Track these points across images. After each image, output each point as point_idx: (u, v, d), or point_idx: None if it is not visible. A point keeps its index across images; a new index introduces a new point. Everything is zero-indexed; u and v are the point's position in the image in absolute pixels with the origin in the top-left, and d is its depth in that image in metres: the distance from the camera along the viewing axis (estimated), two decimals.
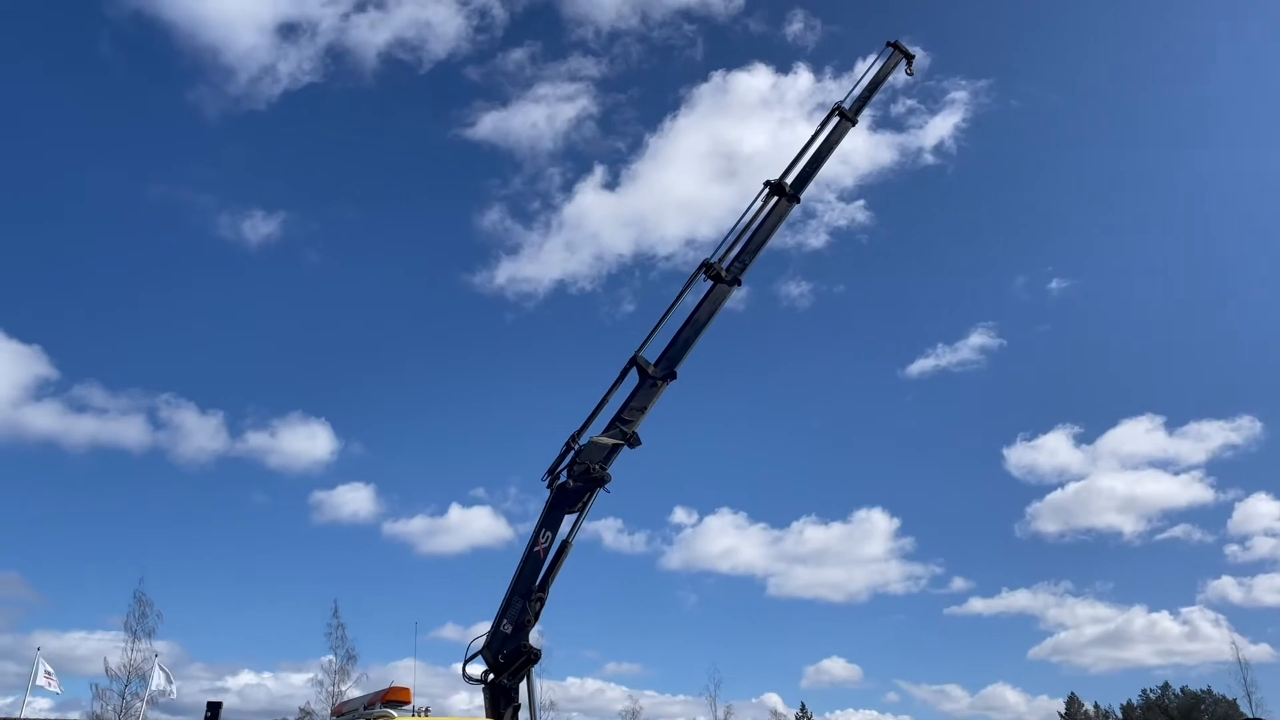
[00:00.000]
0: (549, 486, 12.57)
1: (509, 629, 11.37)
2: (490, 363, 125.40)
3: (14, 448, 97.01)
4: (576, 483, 12.33)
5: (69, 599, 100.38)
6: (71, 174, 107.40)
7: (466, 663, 11.41)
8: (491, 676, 11.27)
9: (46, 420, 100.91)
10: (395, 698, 10.35)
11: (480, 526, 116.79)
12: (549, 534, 12.06)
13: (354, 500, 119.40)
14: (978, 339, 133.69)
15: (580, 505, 12.37)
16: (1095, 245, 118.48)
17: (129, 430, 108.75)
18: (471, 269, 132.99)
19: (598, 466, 12.43)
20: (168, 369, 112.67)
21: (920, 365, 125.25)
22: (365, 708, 10.52)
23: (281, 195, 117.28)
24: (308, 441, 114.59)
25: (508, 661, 11.17)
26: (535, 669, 11.45)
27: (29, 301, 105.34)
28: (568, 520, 12.34)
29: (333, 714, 11.65)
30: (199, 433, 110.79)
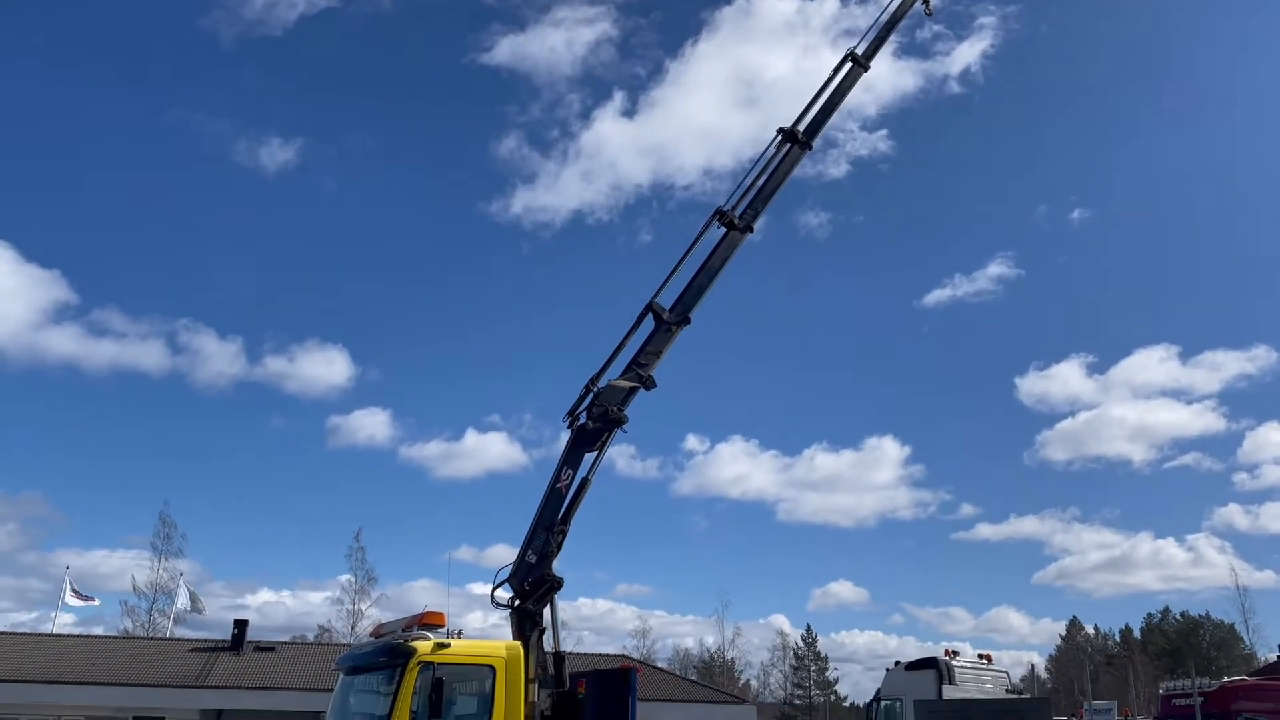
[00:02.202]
0: (569, 427, 13.38)
1: (533, 559, 12.27)
2: (506, 292, 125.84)
3: (35, 370, 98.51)
4: (595, 424, 13.13)
5: (91, 518, 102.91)
6: (88, 99, 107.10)
7: (495, 590, 12.35)
8: (518, 602, 12.18)
9: (67, 344, 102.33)
10: (430, 622, 11.31)
11: (496, 452, 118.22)
12: (570, 471, 12.91)
13: (370, 425, 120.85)
14: (996, 269, 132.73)
15: (599, 445, 13.19)
16: (1119, 175, 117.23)
17: (148, 355, 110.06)
18: (488, 198, 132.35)
19: (615, 408, 13.22)
20: (186, 295, 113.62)
21: (937, 295, 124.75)
22: (403, 630, 11.49)
23: (298, 122, 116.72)
24: (325, 367, 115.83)
25: (532, 589, 12.09)
26: (557, 595, 12.34)
27: (47, 226, 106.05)
28: (587, 458, 13.15)
29: (371, 635, 12.62)
30: (218, 358, 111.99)
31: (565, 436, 13.46)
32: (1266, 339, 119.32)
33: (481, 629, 11.51)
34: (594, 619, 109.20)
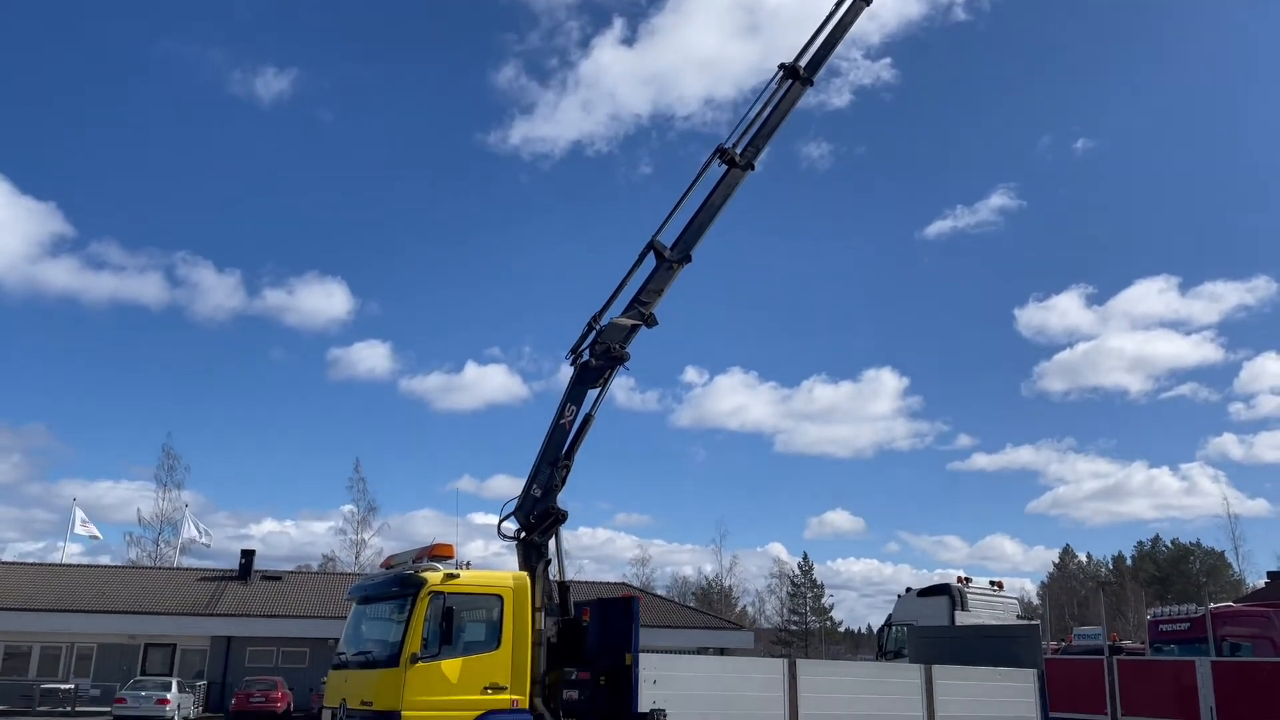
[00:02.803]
0: (572, 364, 13.57)
1: (539, 493, 12.57)
2: (505, 223, 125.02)
3: (34, 303, 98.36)
4: (598, 361, 13.32)
5: (95, 450, 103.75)
6: (81, 30, 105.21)
7: (501, 522, 12.66)
8: (524, 534, 12.51)
9: (65, 277, 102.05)
10: (440, 553, 11.65)
11: (496, 384, 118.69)
12: (573, 408, 13.14)
13: (370, 357, 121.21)
14: (998, 200, 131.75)
15: (602, 381, 13.40)
16: (1123, 105, 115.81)
17: (147, 287, 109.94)
18: (486, 128, 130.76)
19: (617, 346, 13.40)
20: (184, 227, 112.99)
21: (938, 227, 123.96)
22: (414, 561, 11.84)
23: (293, 52, 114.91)
24: (324, 299, 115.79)
25: (538, 521, 12.41)
26: (562, 527, 12.68)
27: (42, 158, 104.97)
28: (590, 394, 13.37)
29: (382, 566, 12.98)
30: (217, 290, 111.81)
31: (569, 373, 13.65)
32: (1267, 269, 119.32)
33: (483, 557, 11.87)
34: (594, 548, 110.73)
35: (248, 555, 48.64)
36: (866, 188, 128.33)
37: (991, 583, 22.79)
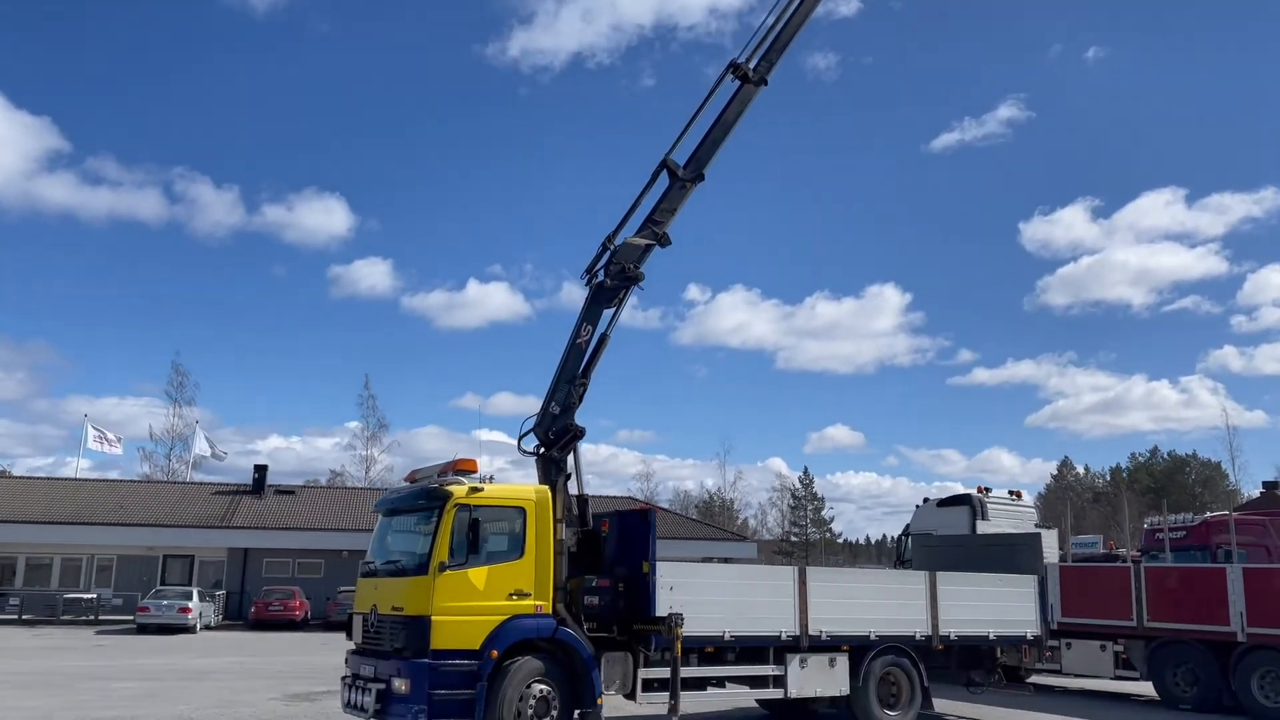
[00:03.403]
0: (587, 285, 13.77)
1: (557, 410, 12.91)
2: (505, 138, 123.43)
3: (32, 219, 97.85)
4: (613, 281, 13.51)
5: (99, 366, 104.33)
6: None
7: (521, 439, 13.02)
8: (543, 450, 12.89)
9: (62, 192, 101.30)
10: (463, 467, 12.02)
11: (498, 302, 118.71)
12: (589, 327, 13.39)
13: (372, 275, 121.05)
14: (1006, 111, 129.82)
15: (617, 301, 13.62)
16: (1135, 13, 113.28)
17: (145, 204, 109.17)
18: (484, 39, 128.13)
19: (632, 266, 13.58)
20: (180, 143, 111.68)
21: (945, 139, 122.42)
22: (438, 475, 12.24)
23: None
24: (324, 216, 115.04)
25: (557, 438, 12.78)
26: (579, 443, 13.05)
27: (35, 72, 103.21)
28: (606, 314, 13.61)
29: (406, 480, 13.38)
30: (215, 206, 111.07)
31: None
32: (1275, 180, 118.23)
33: (487, 472, 12.28)
34: (597, 464, 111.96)
35: (260, 470, 49.49)
36: (873, 100, 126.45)
37: (1010, 492, 22.88)
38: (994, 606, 15.07)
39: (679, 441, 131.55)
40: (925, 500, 23.47)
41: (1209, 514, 22.76)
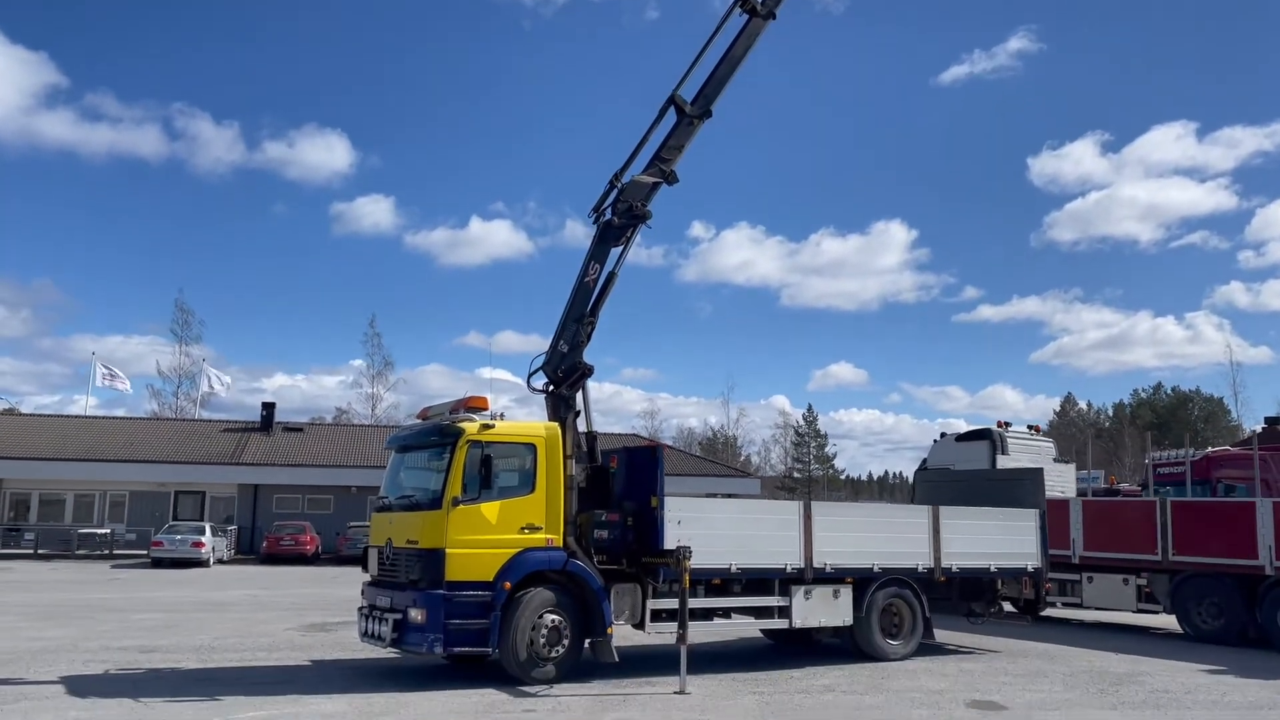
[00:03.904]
0: (595, 223, 13.79)
1: (565, 348, 13.03)
2: (507, 73, 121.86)
3: (32, 156, 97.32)
4: (621, 220, 13.52)
5: (102, 305, 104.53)
6: None
7: (531, 376, 13.18)
8: (552, 388, 13.05)
9: (61, 129, 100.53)
10: (475, 405, 12.21)
11: (500, 239, 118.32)
12: (597, 266, 13.44)
13: (374, 212, 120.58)
14: (1017, 43, 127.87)
15: (624, 240, 13.66)
16: None
17: (145, 140, 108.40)
18: None
19: (639, 204, 13.60)
20: (178, 78, 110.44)
21: (954, 72, 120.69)
22: (450, 413, 12.43)
23: None
24: (325, 153, 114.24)
25: (566, 375, 12.92)
26: (588, 381, 13.21)
27: (32, 5, 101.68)
28: (614, 252, 13.66)
29: (418, 417, 13.58)
30: (216, 143, 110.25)
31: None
32: None
33: (496, 409, 12.47)
34: (601, 401, 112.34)
35: (269, 408, 49.94)
36: (882, 32, 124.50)
37: (1029, 427, 22.79)
38: (995, 540, 15.34)
39: (683, 379, 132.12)
40: (942, 435, 23.25)
41: (1210, 449, 22.94)
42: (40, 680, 11.62)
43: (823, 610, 13.64)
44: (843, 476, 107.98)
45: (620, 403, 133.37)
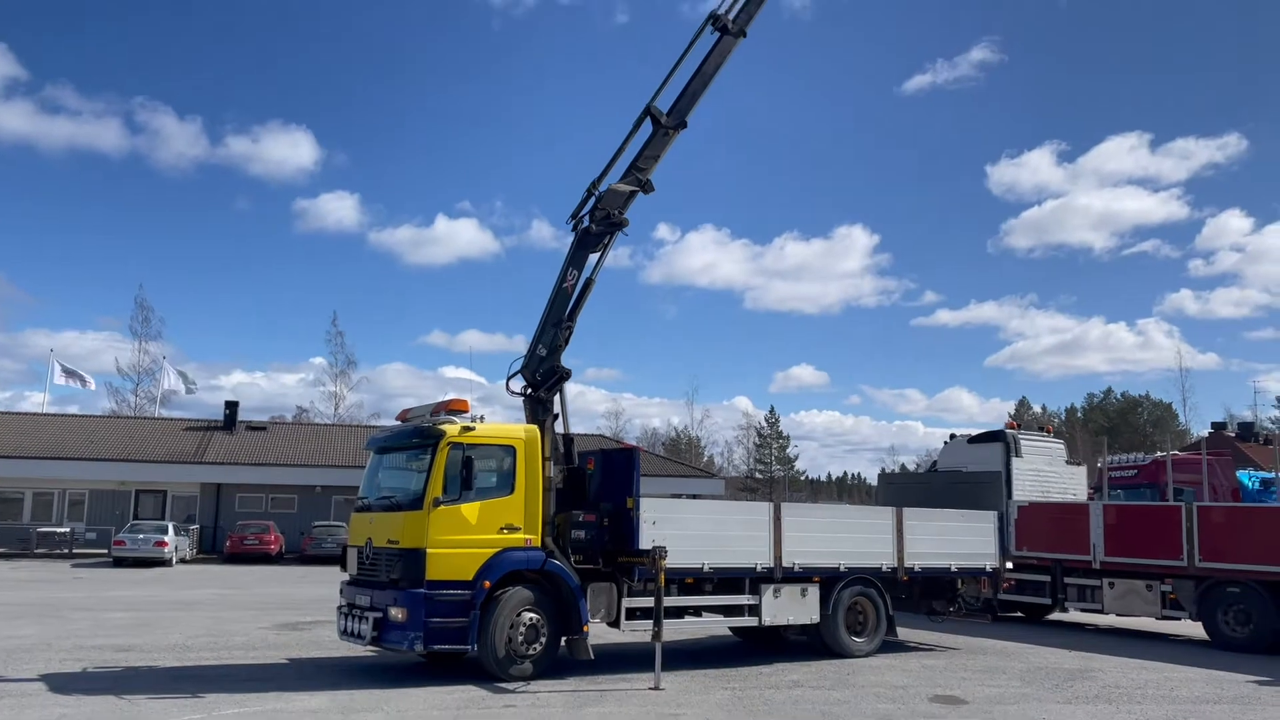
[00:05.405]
0: (573, 230, 14.11)
1: (544, 352, 13.34)
2: (476, 73, 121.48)
3: None
4: (598, 227, 13.86)
5: (58, 300, 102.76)
6: None
7: (509, 380, 13.46)
8: (530, 391, 13.34)
9: (19, 121, 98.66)
10: (455, 407, 12.47)
11: (467, 238, 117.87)
12: (575, 272, 13.76)
13: (338, 209, 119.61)
14: (979, 54, 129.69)
15: (602, 247, 13.99)
16: None
17: (105, 134, 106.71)
18: None
19: (617, 212, 13.93)
20: (141, 71, 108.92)
21: (917, 81, 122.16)
22: (431, 415, 12.68)
23: None
24: (290, 149, 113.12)
25: (544, 379, 13.23)
26: (565, 384, 13.51)
27: None
28: (591, 259, 13.98)
29: (398, 419, 13.80)
30: (178, 138, 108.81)
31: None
32: (1239, 125, 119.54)
33: (470, 412, 12.76)
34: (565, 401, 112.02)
35: (232, 406, 49.57)
36: (847, 41, 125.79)
37: (1041, 428, 22.62)
38: (955, 541, 15.87)
39: (647, 380, 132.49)
40: (953, 436, 22.67)
41: (1159, 453, 23.70)
42: (20, 678, 11.73)
43: (791, 608, 14.06)
44: (803, 477, 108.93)
45: (584, 403, 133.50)
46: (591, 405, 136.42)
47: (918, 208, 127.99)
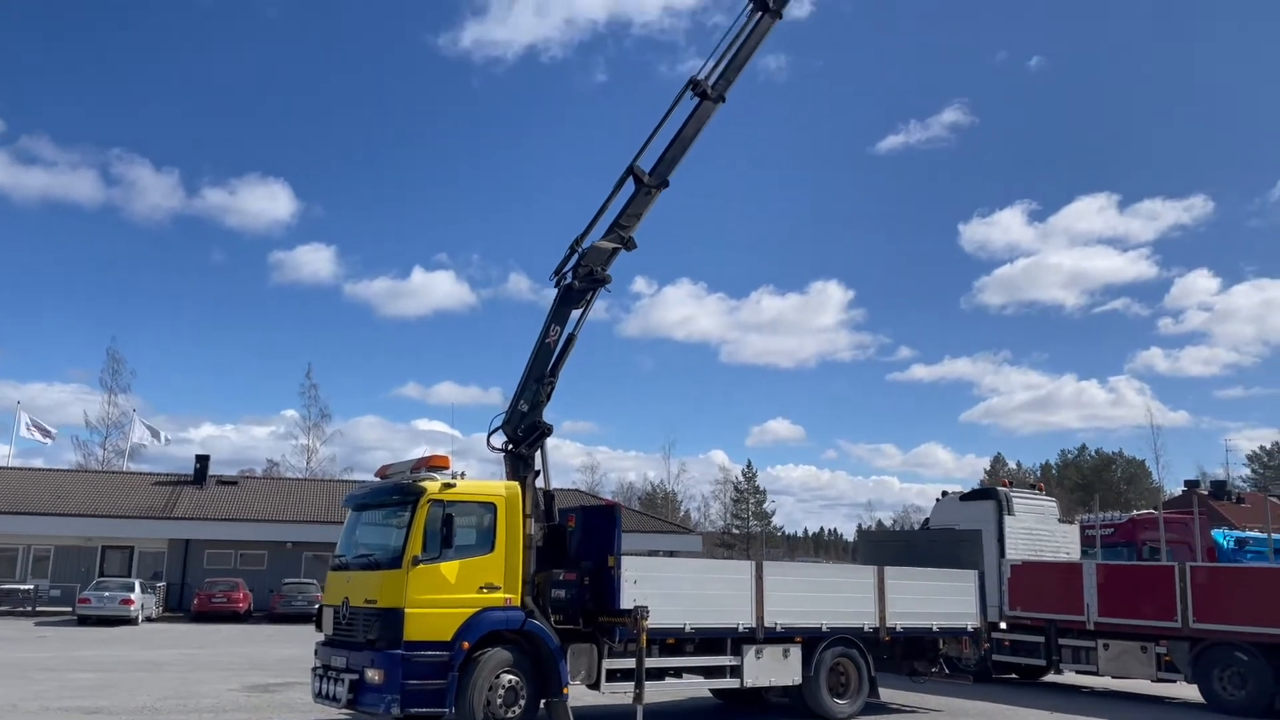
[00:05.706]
0: (556, 286, 14.14)
1: (525, 408, 13.28)
2: (455, 128, 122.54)
3: None
4: (581, 284, 13.90)
5: (25, 352, 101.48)
6: None
7: (490, 435, 13.37)
8: (511, 447, 13.24)
9: None
10: (435, 464, 12.35)
11: (443, 290, 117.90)
12: (557, 328, 13.77)
13: (314, 261, 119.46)
14: (950, 115, 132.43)
15: (584, 303, 14.02)
16: (1078, 24, 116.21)
17: (81, 185, 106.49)
18: (436, 29, 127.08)
19: (599, 269, 13.99)
20: (118, 123, 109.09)
21: (890, 141, 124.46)
22: (411, 471, 12.55)
23: None
24: (267, 201, 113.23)
25: (525, 435, 13.14)
26: (547, 440, 13.43)
27: None
28: (574, 315, 14.00)
29: (377, 475, 13.64)
30: (154, 190, 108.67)
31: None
32: (1203, 188, 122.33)
33: (450, 469, 12.65)
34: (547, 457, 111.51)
35: (203, 460, 48.87)
36: (822, 102, 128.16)
37: (1032, 486, 22.55)
38: (937, 600, 15.79)
39: (622, 433, 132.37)
40: (944, 494, 22.44)
41: (1134, 512, 23.77)
42: None
43: (773, 669, 13.90)
44: (780, 533, 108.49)
45: (559, 456, 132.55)
46: (567, 459, 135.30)
47: (892, 264, 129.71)
